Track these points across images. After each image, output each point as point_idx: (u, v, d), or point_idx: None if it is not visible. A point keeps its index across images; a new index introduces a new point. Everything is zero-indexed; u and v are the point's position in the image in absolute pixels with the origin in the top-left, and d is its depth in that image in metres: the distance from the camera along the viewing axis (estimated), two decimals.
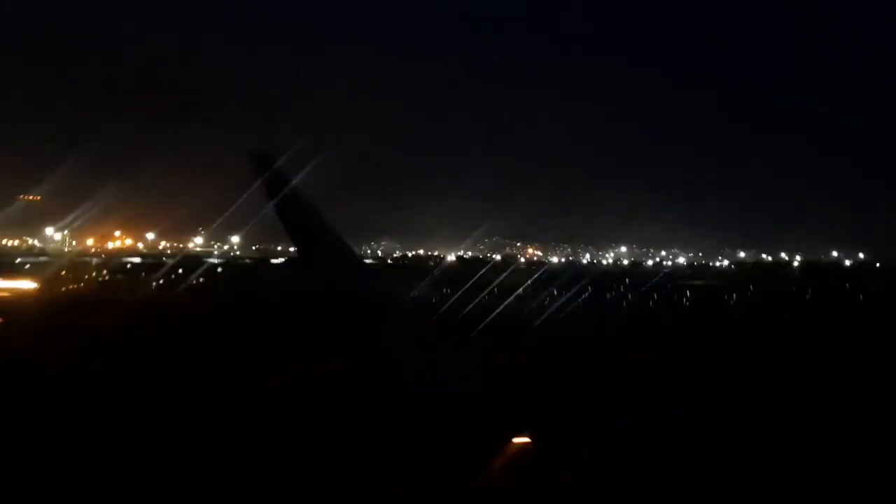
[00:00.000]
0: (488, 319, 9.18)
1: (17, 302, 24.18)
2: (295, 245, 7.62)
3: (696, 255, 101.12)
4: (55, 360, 11.39)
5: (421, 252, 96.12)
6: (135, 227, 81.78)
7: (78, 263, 50.14)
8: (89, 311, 19.82)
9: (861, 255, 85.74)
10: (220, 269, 52.14)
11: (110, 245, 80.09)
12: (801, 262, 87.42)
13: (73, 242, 78.78)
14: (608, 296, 34.16)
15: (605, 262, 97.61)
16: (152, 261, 56.52)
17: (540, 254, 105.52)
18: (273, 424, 7.34)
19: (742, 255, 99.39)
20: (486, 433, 4.90)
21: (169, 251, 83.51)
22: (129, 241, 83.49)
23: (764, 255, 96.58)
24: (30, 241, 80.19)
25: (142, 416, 7.88)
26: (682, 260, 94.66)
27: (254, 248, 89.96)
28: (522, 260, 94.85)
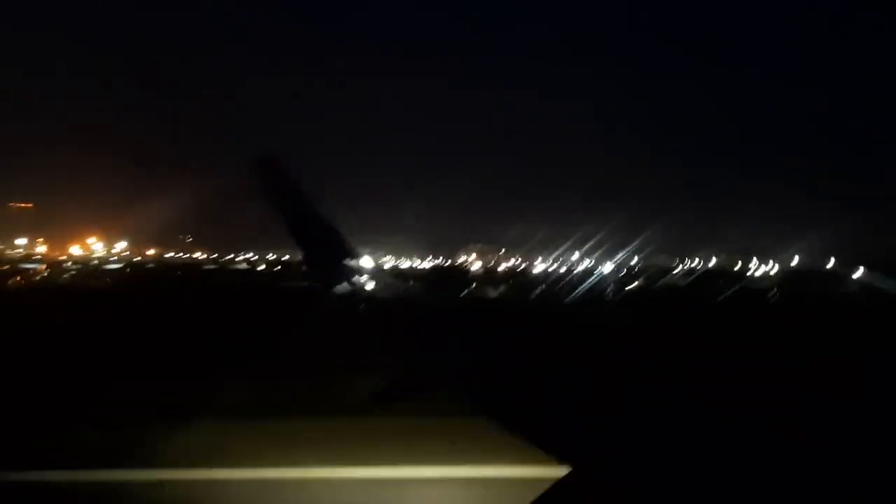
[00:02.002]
0: None
1: None
2: (303, 252, 7.59)
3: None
4: None
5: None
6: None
7: None
8: None
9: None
10: None
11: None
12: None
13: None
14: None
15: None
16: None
17: (520, 260, 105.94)
18: None
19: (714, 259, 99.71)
20: None
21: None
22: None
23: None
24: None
25: None
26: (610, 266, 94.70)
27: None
28: (503, 267, 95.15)
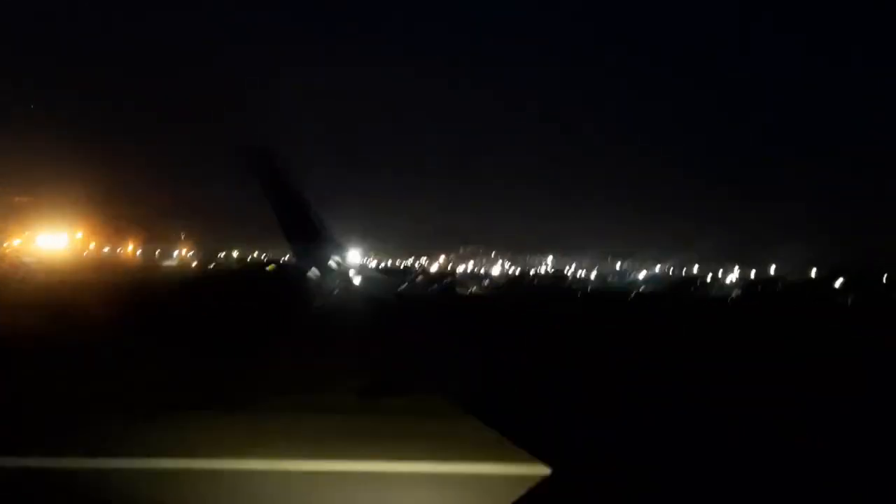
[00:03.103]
0: None
1: None
2: (290, 242, 7.58)
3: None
4: None
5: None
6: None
7: None
8: None
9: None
10: None
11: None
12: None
13: None
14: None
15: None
16: None
17: (509, 263, 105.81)
18: None
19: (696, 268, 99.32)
20: None
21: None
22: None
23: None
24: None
25: None
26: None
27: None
28: (489, 270, 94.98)
